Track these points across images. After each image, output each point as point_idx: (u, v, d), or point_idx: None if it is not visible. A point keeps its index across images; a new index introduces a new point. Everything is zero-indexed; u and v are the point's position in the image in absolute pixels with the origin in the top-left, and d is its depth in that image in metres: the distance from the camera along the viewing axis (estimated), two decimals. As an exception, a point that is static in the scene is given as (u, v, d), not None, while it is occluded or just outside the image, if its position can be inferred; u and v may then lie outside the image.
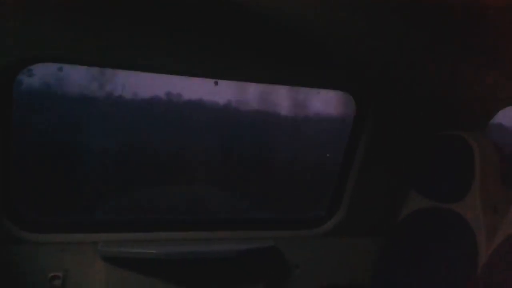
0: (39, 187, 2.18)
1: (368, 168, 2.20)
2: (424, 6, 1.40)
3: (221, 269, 2.11)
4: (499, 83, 2.05)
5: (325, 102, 2.52)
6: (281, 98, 2.57)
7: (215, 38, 1.65)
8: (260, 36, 1.65)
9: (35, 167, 2.15)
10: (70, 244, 1.92)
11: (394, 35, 1.66)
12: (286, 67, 1.86)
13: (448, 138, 2.06)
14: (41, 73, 2.04)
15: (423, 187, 2.15)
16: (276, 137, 2.74)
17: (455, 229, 1.96)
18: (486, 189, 1.94)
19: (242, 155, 2.69)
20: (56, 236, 1.91)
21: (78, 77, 2.14)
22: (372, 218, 2.33)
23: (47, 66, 1.91)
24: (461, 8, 1.40)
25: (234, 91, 2.47)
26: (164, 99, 2.38)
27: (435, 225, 2.05)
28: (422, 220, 2.12)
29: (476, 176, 1.93)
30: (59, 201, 2.20)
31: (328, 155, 2.74)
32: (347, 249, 2.33)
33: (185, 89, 2.42)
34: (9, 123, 1.75)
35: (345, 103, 2.21)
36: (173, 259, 2.01)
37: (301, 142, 2.77)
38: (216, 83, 2.15)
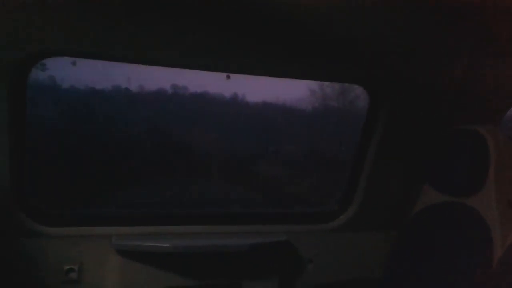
0: (53, 181, 2.19)
1: (382, 162, 2.19)
2: (439, 1, 1.39)
3: (234, 263, 2.11)
4: (514, 77, 2.03)
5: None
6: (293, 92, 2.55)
7: (229, 31, 1.64)
8: (276, 30, 1.63)
9: (50, 162, 2.16)
10: (84, 237, 1.93)
11: (409, 29, 1.64)
12: (301, 60, 1.85)
13: (462, 132, 2.05)
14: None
15: (437, 181, 2.14)
16: (291, 130, 2.73)
17: (470, 223, 1.95)
18: (501, 184, 1.92)
19: (257, 150, 2.68)
20: (71, 229, 1.93)
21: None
22: (385, 212, 2.32)
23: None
24: (477, 3, 1.38)
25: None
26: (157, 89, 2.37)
27: (449, 220, 2.04)
28: (436, 214, 2.11)
29: (490, 170, 1.92)
30: (73, 195, 2.21)
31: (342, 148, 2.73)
32: (360, 243, 2.32)
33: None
34: (23, 118, 1.75)
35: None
36: (186, 253, 2.01)
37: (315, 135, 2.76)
38: (228, 77, 2.15)
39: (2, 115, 1.66)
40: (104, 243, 1.94)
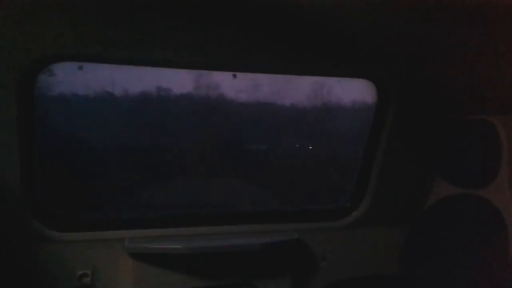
0: (65, 186, 2.20)
1: (392, 156, 2.17)
2: None
3: (246, 263, 2.11)
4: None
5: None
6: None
7: (235, 29, 1.64)
8: (282, 26, 1.63)
9: (62, 167, 2.17)
10: (97, 241, 1.93)
11: (417, 21, 1.63)
12: (308, 57, 1.84)
13: (473, 122, 2.02)
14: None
15: (449, 173, 2.12)
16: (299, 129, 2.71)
17: (484, 215, 1.93)
18: None
19: (265, 148, 2.67)
20: (84, 234, 1.93)
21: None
22: (398, 206, 2.30)
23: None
24: None
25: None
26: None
27: (463, 212, 2.02)
28: (449, 207, 2.09)
29: (503, 160, 1.90)
30: (85, 200, 2.22)
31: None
32: (373, 239, 2.31)
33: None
34: (32, 122, 1.76)
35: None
36: (198, 254, 2.01)
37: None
38: (234, 76, 2.14)
39: (11, 121, 1.66)
40: (117, 247, 1.94)
